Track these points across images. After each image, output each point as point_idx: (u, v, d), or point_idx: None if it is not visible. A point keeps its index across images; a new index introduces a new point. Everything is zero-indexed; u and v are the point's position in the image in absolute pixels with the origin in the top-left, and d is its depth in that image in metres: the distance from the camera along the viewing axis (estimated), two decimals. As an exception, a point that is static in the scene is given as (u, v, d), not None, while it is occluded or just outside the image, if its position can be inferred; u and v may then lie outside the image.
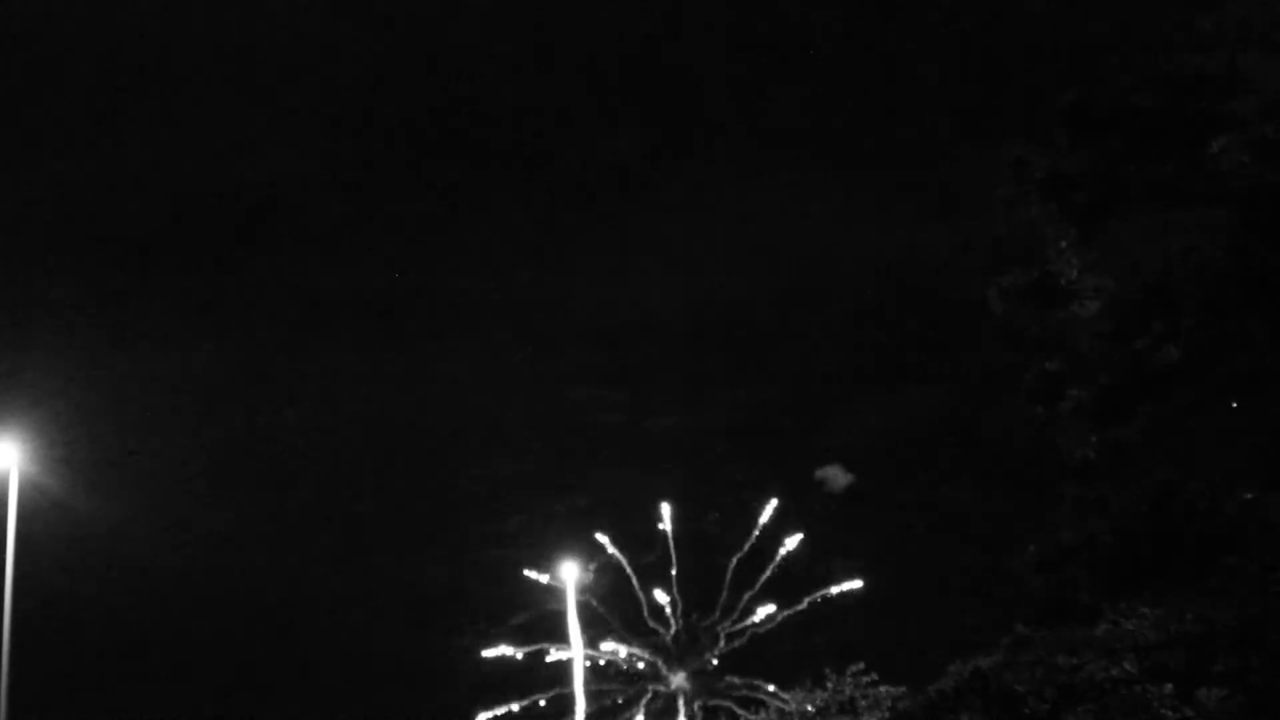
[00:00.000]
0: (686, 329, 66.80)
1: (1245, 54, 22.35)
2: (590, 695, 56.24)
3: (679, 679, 56.14)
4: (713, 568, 58.12)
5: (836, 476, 59.32)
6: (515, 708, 57.22)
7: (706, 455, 64.15)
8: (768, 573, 56.33)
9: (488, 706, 57.28)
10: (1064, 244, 22.42)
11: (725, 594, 57.03)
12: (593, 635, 57.69)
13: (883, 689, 35.88)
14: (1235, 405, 22.77)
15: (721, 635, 56.14)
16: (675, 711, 55.65)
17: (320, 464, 65.67)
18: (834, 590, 55.21)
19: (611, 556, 58.00)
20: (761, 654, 57.94)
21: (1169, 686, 22.61)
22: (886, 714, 34.00)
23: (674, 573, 57.77)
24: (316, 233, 74.69)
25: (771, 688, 46.96)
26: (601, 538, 58.10)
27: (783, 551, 55.79)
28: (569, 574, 56.43)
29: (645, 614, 58.16)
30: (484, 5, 74.35)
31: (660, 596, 57.62)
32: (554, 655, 57.30)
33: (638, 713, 56.72)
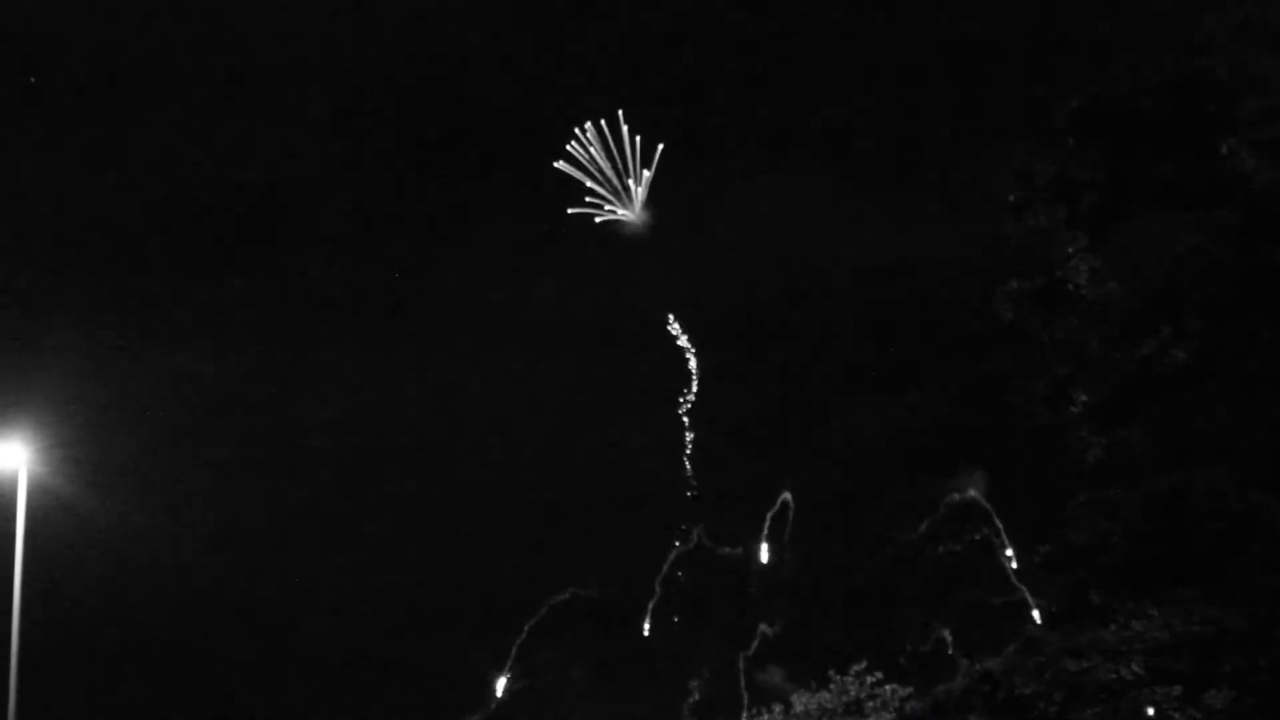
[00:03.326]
0: (688, 330, 66.75)
1: (1251, 55, 22.34)
2: None
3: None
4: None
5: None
6: None
7: (709, 457, 64.15)
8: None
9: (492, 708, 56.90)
10: (1071, 249, 22.41)
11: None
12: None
13: (888, 688, 35.78)
14: (1243, 406, 22.78)
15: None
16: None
17: (320, 464, 65.86)
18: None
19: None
20: (770, 655, 57.79)
21: (1177, 689, 22.61)
22: (893, 714, 33.97)
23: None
24: (318, 233, 75.03)
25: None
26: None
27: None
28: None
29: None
30: (487, 7, 74.49)
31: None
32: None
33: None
